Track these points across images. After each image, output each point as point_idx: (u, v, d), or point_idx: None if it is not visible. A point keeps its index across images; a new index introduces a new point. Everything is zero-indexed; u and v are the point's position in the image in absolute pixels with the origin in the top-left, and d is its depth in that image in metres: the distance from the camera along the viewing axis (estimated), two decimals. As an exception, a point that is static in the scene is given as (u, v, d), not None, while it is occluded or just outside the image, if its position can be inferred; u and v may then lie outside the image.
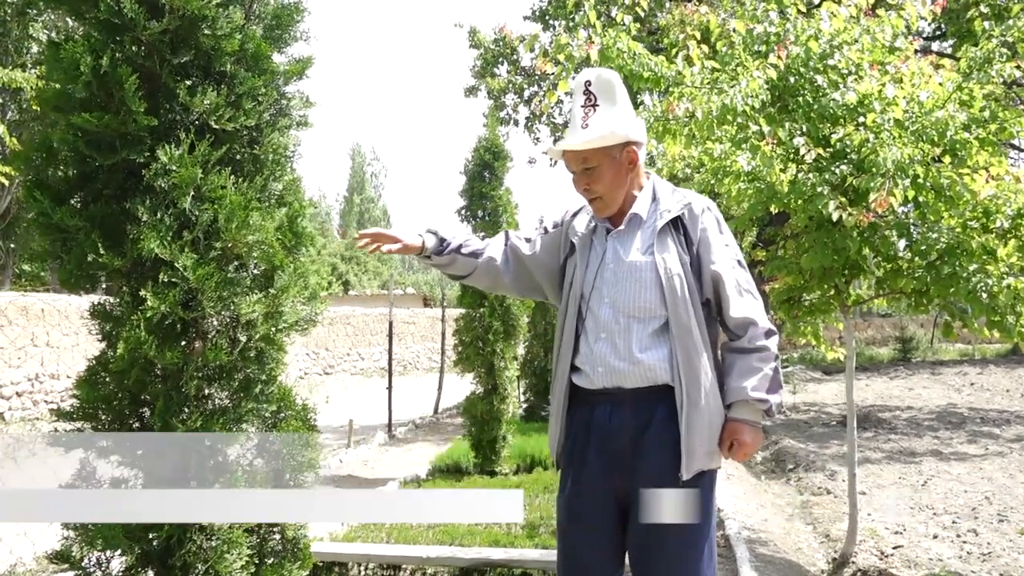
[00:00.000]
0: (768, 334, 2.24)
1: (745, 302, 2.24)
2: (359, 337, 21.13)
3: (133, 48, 2.17)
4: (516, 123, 16.40)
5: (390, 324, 10.99)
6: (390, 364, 10.99)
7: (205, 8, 2.19)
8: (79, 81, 2.09)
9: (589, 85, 2.31)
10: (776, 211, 5.68)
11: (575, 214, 2.50)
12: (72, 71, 2.09)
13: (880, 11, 5.09)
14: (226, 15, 2.26)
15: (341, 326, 20.48)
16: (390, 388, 10.64)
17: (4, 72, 9.37)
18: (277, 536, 2.35)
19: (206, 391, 2.20)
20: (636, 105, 6.78)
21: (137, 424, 2.17)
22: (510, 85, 15.75)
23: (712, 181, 5.63)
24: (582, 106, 2.31)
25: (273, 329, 2.25)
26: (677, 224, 2.28)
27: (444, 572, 4.53)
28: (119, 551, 2.12)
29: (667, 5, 14.44)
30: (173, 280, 2.09)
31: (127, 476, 2.26)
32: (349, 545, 4.90)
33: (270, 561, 2.32)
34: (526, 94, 15.63)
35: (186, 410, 2.12)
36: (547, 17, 14.98)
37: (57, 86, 2.14)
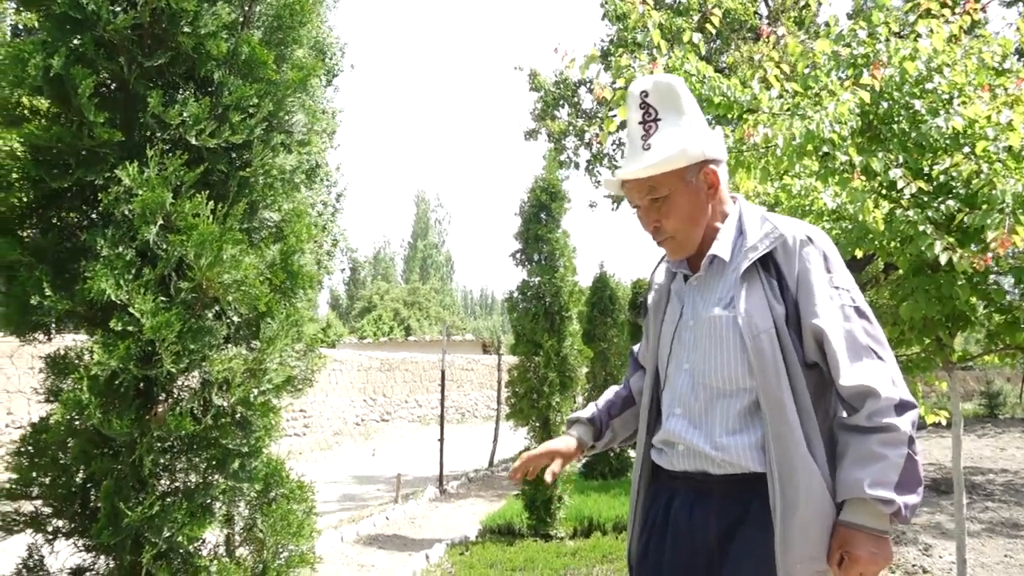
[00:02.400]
0: (900, 408, 1.65)
1: (863, 364, 1.68)
2: (417, 384, 20.77)
3: (94, 48, 1.79)
4: (576, 166, 16.01)
5: (442, 374, 10.55)
6: (442, 416, 10.52)
7: (183, 1, 1.81)
8: (26, 85, 1.72)
9: (646, 96, 1.86)
10: (861, 255, 5.08)
11: (657, 266, 2.10)
12: (19, 74, 1.72)
13: (981, 32, 4.53)
14: (212, 11, 1.88)
15: (399, 372, 20.15)
16: (441, 440, 10.16)
17: None
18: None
19: (169, 467, 1.76)
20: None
21: (80, 507, 1.75)
22: (570, 128, 15.42)
23: (789, 221, 5.06)
24: (640, 123, 1.86)
25: (255, 391, 1.81)
26: (767, 264, 1.79)
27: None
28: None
29: (733, 45, 13.97)
30: (128, 329, 1.67)
31: (88, 563, 1.83)
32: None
33: None
34: (587, 136, 15.26)
35: (140, 492, 1.68)
36: (609, 56, 14.66)
37: (5, 92, 1.77)
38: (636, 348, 2.23)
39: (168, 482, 1.75)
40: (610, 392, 2.19)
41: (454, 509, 8.73)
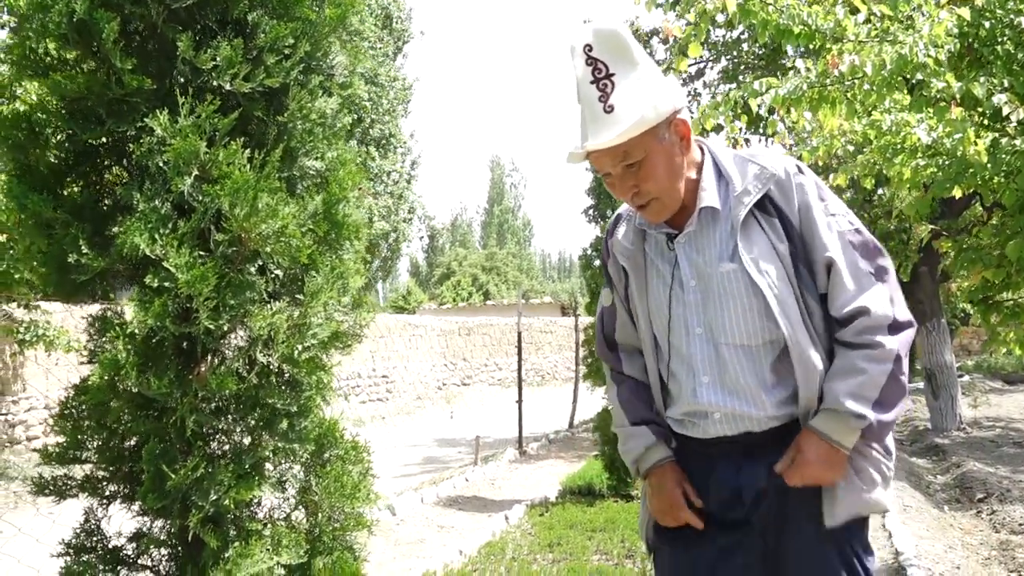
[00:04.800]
0: (893, 328, 1.64)
1: (861, 290, 1.66)
2: (496, 347, 20.84)
3: (120, -12, 1.70)
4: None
5: (519, 336, 10.48)
6: (519, 378, 10.47)
7: (210, -66, 1.70)
8: (51, 33, 1.64)
9: (590, 51, 1.68)
10: (960, 194, 4.71)
11: (611, 233, 1.92)
12: (43, 21, 1.64)
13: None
14: (242, -55, 1.76)
15: (478, 336, 20.25)
16: (520, 402, 10.12)
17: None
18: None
19: (214, 429, 1.69)
20: (785, 71, 5.86)
21: (130, 471, 1.70)
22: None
23: (878, 162, 4.72)
24: (592, 82, 1.67)
25: (299, 347, 1.71)
26: (764, 206, 1.71)
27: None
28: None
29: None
30: (165, 285, 1.59)
31: (146, 528, 1.80)
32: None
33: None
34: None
35: (185, 455, 1.62)
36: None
37: (31, 41, 1.70)
38: (607, 334, 1.98)
39: (214, 444, 1.68)
40: (622, 405, 1.90)
41: (534, 470, 8.69)
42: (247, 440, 1.72)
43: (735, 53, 11.84)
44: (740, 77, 11.16)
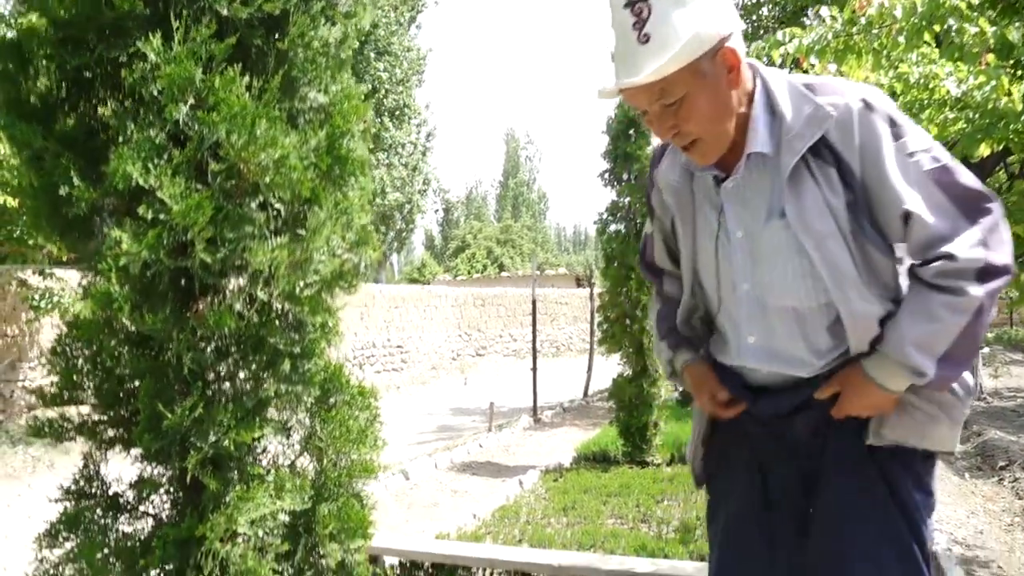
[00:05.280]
0: (982, 274, 1.40)
1: (944, 229, 1.42)
2: (511, 318, 20.79)
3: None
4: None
5: (533, 304, 10.40)
6: (534, 345, 10.42)
7: None
8: (36, -48, 1.55)
9: None
10: (988, 152, 4.55)
11: (656, 162, 1.76)
12: (28, -60, 1.55)
13: None
14: None
15: (493, 307, 20.20)
16: (535, 369, 10.07)
17: None
18: (321, 563, 1.75)
19: (213, 368, 1.62)
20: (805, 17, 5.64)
21: (128, 413, 1.64)
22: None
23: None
24: (626, 6, 1.44)
25: (300, 284, 1.64)
26: (818, 150, 1.47)
27: (578, 582, 3.85)
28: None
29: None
30: (159, 217, 1.52)
31: (147, 474, 1.74)
32: (474, 547, 4.33)
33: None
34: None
35: (183, 396, 1.55)
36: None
37: (17, -35, 1.61)
38: (648, 259, 1.90)
39: (214, 385, 1.62)
40: (658, 320, 1.85)
41: (548, 437, 8.65)
42: (242, 381, 1.65)
43: (755, 16, 11.60)
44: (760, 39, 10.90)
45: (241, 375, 1.64)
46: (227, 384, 1.64)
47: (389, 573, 4.08)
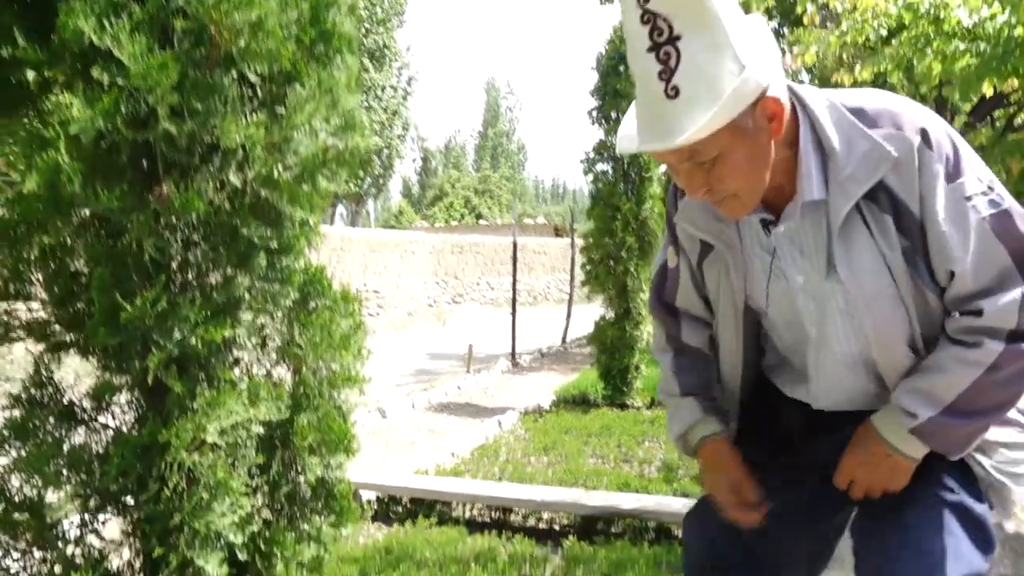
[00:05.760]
0: (1012, 336, 1.26)
1: (984, 283, 1.27)
2: (488, 266, 20.61)
3: None
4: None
5: (514, 245, 10.23)
6: (514, 287, 10.28)
7: None
8: None
9: (645, 2, 1.17)
10: (991, 93, 4.43)
11: (680, 194, 1.53)
12: None
13: None
14: None
15: (471, 255, 19.99)
16: (514, 312, 9.95)
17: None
18: (299, 480, 1.61)
19: (180, 258, 1.44)
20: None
21: (80, 312, 1.46)
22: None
23: (908, 55, 4.40)
24: (650, 50, 1.19)
25: (278, 167, 1.46)
26: (875, 195, 1.30)
27: (563, 519, 3.76)
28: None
29: None
30: (117, 81, 1.32)
31: (105, 381, 1.57)
32: (454, 481, 4.23)
33: (285, 516, 1.58)
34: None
35: (143, 287, 1.38)
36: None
37: None
38: (667, 297, 1.67)
39: (180, 277, 1.44)
40: (676, 374, 1.65)
41: (526, 381, 8.57)
42: (211, 273, 1.48)
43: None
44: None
45: (211, 269, 1.47)
46: (195, 278, 1.46)
47: (367, 508, 3.97)
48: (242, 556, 1.49)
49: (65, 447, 1.51)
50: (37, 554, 1.45)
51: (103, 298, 1.35)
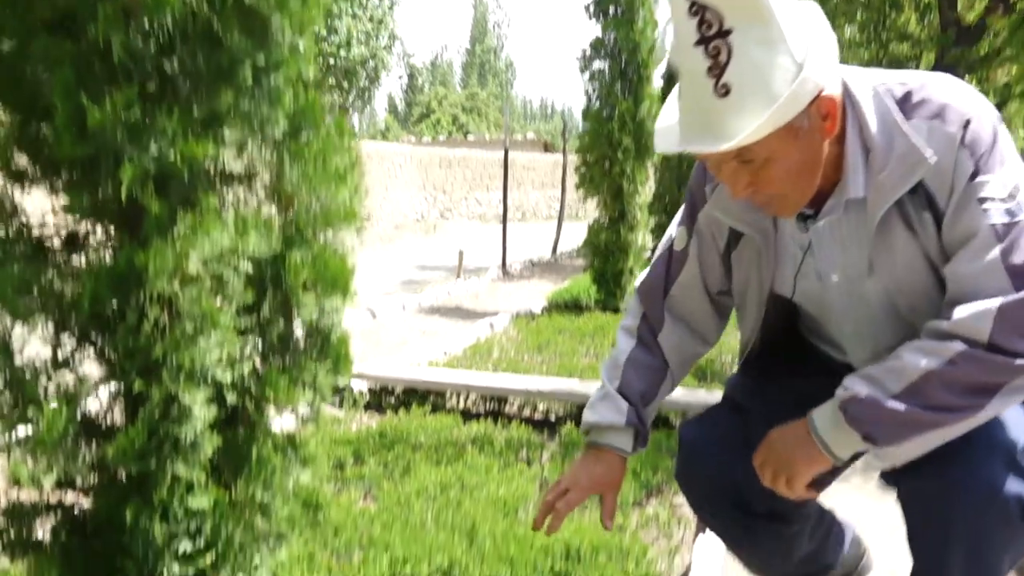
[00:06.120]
0: (990, 348, 1.15)
1: (985, 279, 1.17)
2: (477, 181, 20.33)
3: None
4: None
5: (506, 151, 10.01)
6: (505, 192, 10.10)
7: None
8: None
9: None
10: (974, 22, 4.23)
11: (709, 180, 1.46)
12: None
13: None
14: None
15: (459, 169, 19.69)
16: (504, 220, 9.80)
17: None
18: (292, 322, 1.48)
19: (155, 65, 1.28)
20: None
21: (44, 126, 1.30)
22: None
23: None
24: (698, 43, 1.12)
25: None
26: (914, 188, 1.22)
27: (559, 408, 3.70)
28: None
29: None
30: None
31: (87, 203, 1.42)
32: (448, 371, 4.15)
33: (278, 359, 1.46)
34: None
35: (113, 91, 1.21)
36: None
37: None
38: (668, 281, 1.57)
39: (154, 84, 1.28)
40: (628, 365, 1.56)
41: (517, 288, 8.48)
42: (200, 90, 1.32)
43: None
44: None
45: (189, 80, 1.30)
46: (171, 87, 1.30)
47: (359, 399, 3.89)
48: (231, 399, 1.37)
49: (35, 283, 1.37)
50: (7, 396, 1.33)
51: (67, 103, 1.19)
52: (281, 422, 1.53)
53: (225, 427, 1.41)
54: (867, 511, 2.03)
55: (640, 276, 1.65)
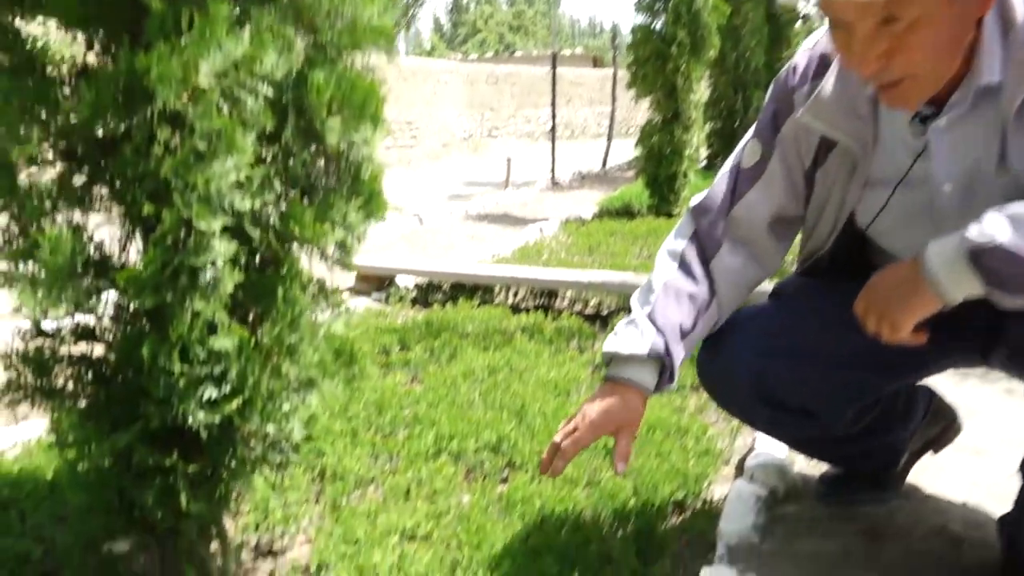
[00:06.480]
0: None
1: None
2: (525, 98, 19.85)
3: None
4: None
5: (553, 61, 9.67)
6: (554, 104, 9.79)
7: None
8: None
9: None
10: None
11: (804, 74, 1.33)
12: None
13: None
14: None
15: (507, 85, 19.22)
16: (553, 131, 9.53)
17: None
18: (317, 150, 1.34)
19: None
20: None
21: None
22: None
23: None
24: None
25: None
26: None
27: (611, 302, 3.56)
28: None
29: None
30: None
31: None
32: (496, 266, 4.03)
33: (302, 191, 1.32)
34: None
35: None
36: None
37: None
38: (734, 199, 1.42)
39: None
40: (665, 291, 1.38)
41: (566, 198, 8.26)
42: None
43: None
44: None
45: None
46: None
47: (405, 295, 3.80)
48: (253, 233, 1.25)
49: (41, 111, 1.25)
50: (12, 226, 1.22)
51: None
52: (311, 266, 1.40)
53: (249, 265, 1.29)
54: (946, 393, 1.87)
55: (695, 197, 1.50)
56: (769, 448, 1.87)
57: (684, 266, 1.42)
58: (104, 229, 1.30)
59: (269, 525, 1.67)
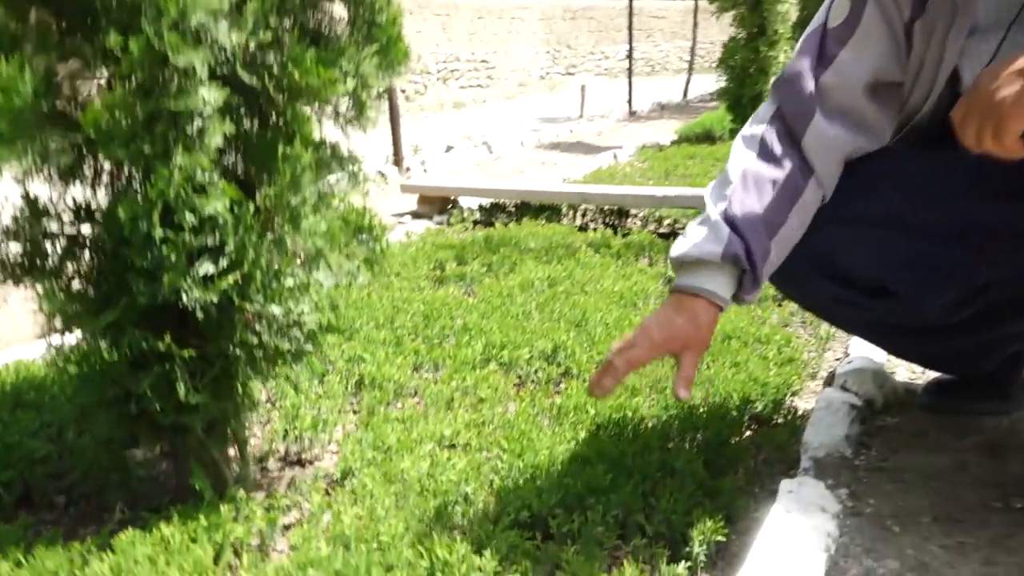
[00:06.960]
0: None
1: None
2: (603, 34, 19.19)
3: None
4: None
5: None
6: (631, 32, 9.34)
7: None
8: None
9: None
10: None
11: None
12: None
13: None
14: None
15: (584, 21, 18.62)
16: (630, 58, 9.11)
17: None
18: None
19: None
20: None
21: None
22: None
23: None
24: None
25: None
26: None
27: (685, 220, 3.29)
28: None
29: None
30: None
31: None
32: (566, 185, 3.79)
33: (305, 36, 1.13)
34: None
35: None
36: None
37: None
38: (819, 68, 1.16)
39: None
40: (744, 182, 1.16)
41: (644, 128, 7.89)
42: None
43: None
44: None
45: None
46: None
47: (468, 216, 3.61)
48: (249, 80, 1.06)
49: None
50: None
51: None
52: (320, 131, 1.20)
53: (244, 120, 1.11)
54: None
55: (782, 73, 1.24)
56: (866, 353, 1.62)
57: (765, 151, 1.19)
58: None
59: (299, 433, 1.52)
